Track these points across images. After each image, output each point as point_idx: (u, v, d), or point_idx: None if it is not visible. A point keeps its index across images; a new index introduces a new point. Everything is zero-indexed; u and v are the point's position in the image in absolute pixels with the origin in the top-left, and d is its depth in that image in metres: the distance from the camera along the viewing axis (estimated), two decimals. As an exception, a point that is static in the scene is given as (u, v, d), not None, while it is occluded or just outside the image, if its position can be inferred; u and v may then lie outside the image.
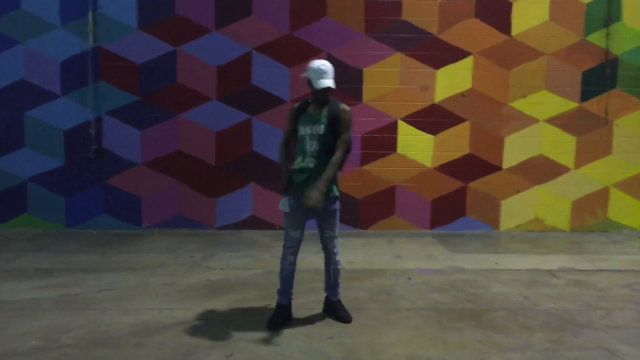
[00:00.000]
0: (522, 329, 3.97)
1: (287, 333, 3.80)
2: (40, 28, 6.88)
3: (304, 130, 3.90)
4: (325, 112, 3.89)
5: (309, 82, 3.85)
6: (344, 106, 3.94)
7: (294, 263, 4.00)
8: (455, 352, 3.54)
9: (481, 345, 3.67)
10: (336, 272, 4.08)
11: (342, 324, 3.99)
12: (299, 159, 3.93)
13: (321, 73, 3.80)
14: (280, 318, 3.94)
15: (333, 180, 3.91)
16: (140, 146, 7.03)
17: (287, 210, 3.95)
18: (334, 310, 4.11)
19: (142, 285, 4.79)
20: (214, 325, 3.92)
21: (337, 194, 3.98)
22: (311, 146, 3.86)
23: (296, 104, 4.05)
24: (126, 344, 3.57)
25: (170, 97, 7.01)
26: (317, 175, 3.84)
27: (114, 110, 6.99)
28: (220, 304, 4.38)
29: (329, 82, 3.81)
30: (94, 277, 5.01)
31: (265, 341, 3.65)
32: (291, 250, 3.97)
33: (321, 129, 3.86)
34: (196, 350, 3.47)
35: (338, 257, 4.07)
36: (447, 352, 3.55)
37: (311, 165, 3.87)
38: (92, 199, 7.01)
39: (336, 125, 3.86)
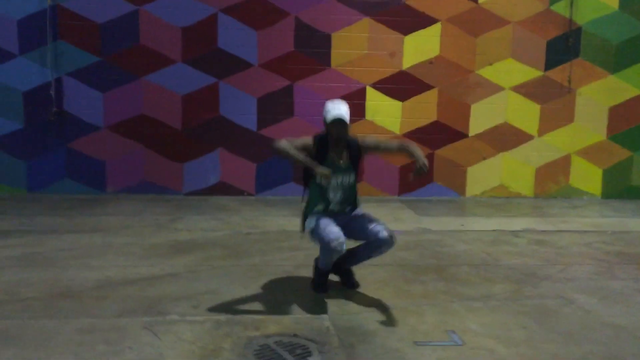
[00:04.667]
0: (484, 281, 4.07)
1: (254, 286, 3.80)
2: (-5, -16, 6.58)
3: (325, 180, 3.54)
4: (346, 154, 3.59)
5: (324, 123, 3.55)
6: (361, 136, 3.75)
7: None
8: (418, 301, 3.62)
9: (444, 295, 3.76)
10: (376, 255, 3.66)
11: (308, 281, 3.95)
12: (320, 206, 3.63)
13: (332, 108, 3.51)
14: (327, 280, 3.77)
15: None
16: (103, 109, 6.84)
17: (314, 224, 3.53)
18: (344, 274, 3.86)
19: (105, 245, 4.71)
20: (180, 280, 3.89)
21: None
22: (335, 195, 3.60)
23: (310, 141, 3.57)
24: (89, 296, 3.51)
25: (134, 58, 6.82)
26: (351, 211, 3.69)
27: (75, 72, 6.76)
28: (186, 260, 4.35)
29: (342, 114, 3.48)
30: (57, 237, 4.90)
31: (231, 293, 3.65)
32: (338, 247, 3.37)
33: (350, 178, 3.61)
34: (161, 302, 3.45)
35: (391, 247, 3.59)
36: (410, 301, 3.62)
37: (337, 209, 3.65)
38: (54, 162, 6.81)
39: (362, 158, 3.65)
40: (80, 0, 6.68)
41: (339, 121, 3.48)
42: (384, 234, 3.50)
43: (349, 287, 3.82)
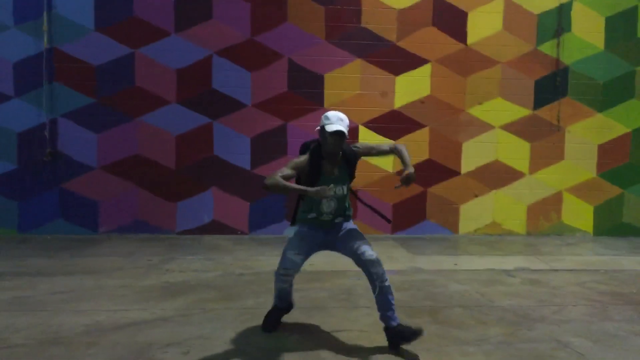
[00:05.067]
0: (478, 324, 4.05)
1: (245, 332, 3.76)
2: (-7, 28, 6.69)
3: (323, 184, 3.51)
4: (341, 165, 3.60)
5: (321, 130, 3.53)
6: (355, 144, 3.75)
7: (290, 286, 3.66)
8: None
9: (438, 339, 3.72)
10: (385, 290, 3.47)
11: (303, 324, 3.90)
12: (313, 215, 3.63)
13: (335, 119, 3.49)
14: (275, 319, 3.77)
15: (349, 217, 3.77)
16: (97, 150, 6.87)
17: (292, 234, 3.63)
18: (400, 334, 3.46)
19: (97, 288, 4.66)
20: (171, 325, 3.84)
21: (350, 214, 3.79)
22: (328, 206, 3.59)
23: (302, 158, 3.54)
24: (78, 342, 3.46)
25: (129, 100, 6.90)
26: (344, 220, 3.70)
27: (69, 113, 6.83)
28: (178, 304, 4.30)
29: (343, 127, 3.46)
30: (47, 280, 4.85)
31: (222, 339, 3.60)
32: (284, 278, 3.54)
33: (344, 188, 3.62)
34: (151, 349, 3.40)
35: (379, 268, 3.48)
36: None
37: (329, 219, 3.64)
38: (46, 203, 6.80)
39: (355, 166, 3.66)
40: (77, 43, 6.80)
41: (340, 134, 3.46)
42: (369, 254, 3.50)
43: (415, 338, 3.44)
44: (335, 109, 7.21)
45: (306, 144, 3.74)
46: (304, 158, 3.55)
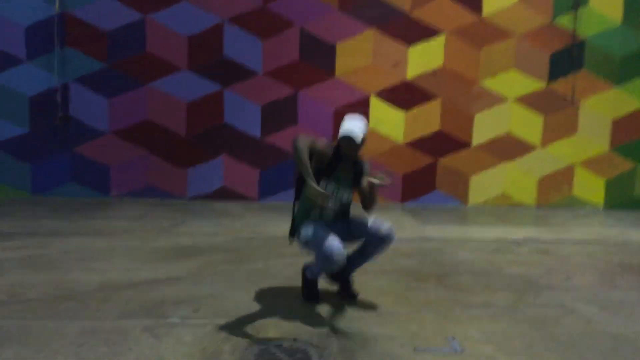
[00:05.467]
0: (485, 289, 4.07)
1: (255, 291, 3.81)
2: (5, -9, 6.68)
3: (330, 187, 3.54)
4: (352, 174, 3.59)
5: (340, 136, 3.48)
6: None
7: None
8: (419, 307, 3.61)
9: (445, 303, 3.75)
10: (375, 256, 3.66)
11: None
12: (316, 214, 3.61)
13: (347, 124, 3.46)
14: (318, 289, 3.70)
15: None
16: (108, 114, 6.90)
17: (311, 232, 3.46)
18: (343, 286, 3.80)
19: (109, 248, 4.73)
20: (182, 284, 3.91)
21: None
22: (332, 209, 3.60)
23: (328, 149, 3.50)
24: (91, 298, 3.53)
25: (139, 65, 6.89)
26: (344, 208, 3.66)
27: (81, 78, 6.84)
28: (189, 265, 4.36)
29: (354, 131, 3.42)
30: (60, 240, 4.93)
31: (232, 298, 3.66)
32: (338, 264, 3.34)
33: (349, 196, 3.63)
34: (163, 305, 3.46)
35: (390, 244, 3.59)
36: (411, 308, 3.61)
37: (332, 216, 3.62)
38: (58, 166, 6.87)
39: (360, 179, 3.60)
40: (87, 8, 6.77)
41: (348, 139, 3.42)
42: (385, 228, 3.51)
43: (349, 297, 3.79)
44: (346, 79, 7.24)
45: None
46: (331, 149, 3.50)
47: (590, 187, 7.68)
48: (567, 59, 7.54)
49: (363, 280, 4.16)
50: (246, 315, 3.37)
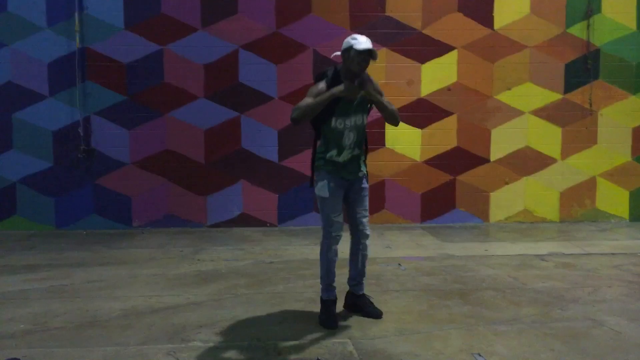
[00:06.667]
0: (510, 305, 4.00)
1: (276, 314, 3.80)
2: (27, 30, 6.89)
3: (341, 123, 3.48)
4: (359, 95, 3.44)
5: (344, 52, 3.42)
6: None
7: (337, 254, 3.65)
8: (443, 325, 3.57)
9: (469, 319, 3.70)
10: (364, 258, 3.75)
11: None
12: (333, 152, 3.54)
13: (364, 39, 3.38)
14: (334, 313, 3.62)
15: (363, 159, 3.70)
16: (129, 146, 7.03)
17: (327, 195, 3.53)
18: (361, 306, 3.73)
19: (131, 277, 4.78)
20: (204, 308, 3.92)
21: (366, 172, 3.75)
22: (349, 138, 3.52)
23: (320, 85, 3.45)
24: (115, 325, 3.56)
25: (158, 96, 7.03)
26: (361, 156, 3.66)
27: (102, 110, 7.00)
28: (210, 290, 4.38)
29: (372, 46, 3.37)
30: (83, 270, 5.00)
31: (254, 321, 3.65)
32: (337, 238, 3.58)
33: (362, 118, 3.54)
34: (185, 330, 3.47)
35: (369, 241, 3.75)
36: (435, 326, 3.57)
37: (349, 156, 3.57)
38: (81, 199, 6.99)
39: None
40: (107, 42, 6.96)
41: (368, 52, 3.34)
42: (366, 229, 3.70)
43: (373, 317, 3.69)
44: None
45: (322, 71, 3.62)
46: (322, 84, 3.43)
47: (614, 199, 7.52)
48: (582, 69, 7.47)
49: (384, 299, 4.12)
50: (267, 337, 3.36)
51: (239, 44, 7.11)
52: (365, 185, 3.71)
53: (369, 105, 3.60)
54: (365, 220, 3.69)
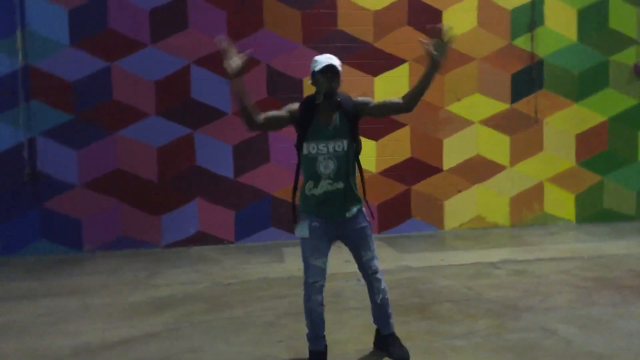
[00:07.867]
0: (466, 318, 4.08)
1: (236, 341, 3.75)
2: (-35, 49, 6.60)
3: (314, 148, 3.14)
4: (338, 115, 3.16)
5: (312, 77, 3.16)
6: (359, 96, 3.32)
7: (322, 303, 3.18)
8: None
9: (427, 336, 3.75)
10: (385, 302, 3.37)
11: (292, 329, 3.90)
12: (310, 183, 3.18)
13: (324, 58, 3.13)
14: None
15: (353, 196, 3.25)
16: (77, 166, 6.81)
17: (307, 235, 3.16)
18: (387, 345, 3.43)
19: (83, 308, 4.61)
20: (160, 339, 3.82)
21: (362, 208, 3.34)
22: (326, 167, 3.15)
23: (296, 104, 3.20)
24: (66, 364, 3.43)
25: (107, 114, 6.85)
26: (347, 191, 3.18)
27: (47, 131, 6.76)
28: (166, 318, 4.27)
29: (333, 63, 3.09)
30: (32, 303, 4.79)
31: (214, 351, 3.59)
32: (317, 287, 3.13)
33: (344, 144, 3.15)
34: (141, 365, 3.38)
35: (384, 285, 3.36)
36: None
37: (330, 189, 3.16)
38: (28, 224, 6.71)
39: (358, 120, 3.21)
40: (52, 59, 6.73)
41: (331, 68, 3.07)
42: (375, 269, 3.30)
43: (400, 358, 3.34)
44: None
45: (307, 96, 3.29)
46: (296, 105, 3.18)
47: (561, 203, 7.83)
48: (527, 79, 7.75)
49: (344, 318, 4.13)
50: (227, 368, 3.31)
51: (191, 60, 7.01)
52: (364, 223, 3.28)
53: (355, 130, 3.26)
54: (373, 263, 3.30)
